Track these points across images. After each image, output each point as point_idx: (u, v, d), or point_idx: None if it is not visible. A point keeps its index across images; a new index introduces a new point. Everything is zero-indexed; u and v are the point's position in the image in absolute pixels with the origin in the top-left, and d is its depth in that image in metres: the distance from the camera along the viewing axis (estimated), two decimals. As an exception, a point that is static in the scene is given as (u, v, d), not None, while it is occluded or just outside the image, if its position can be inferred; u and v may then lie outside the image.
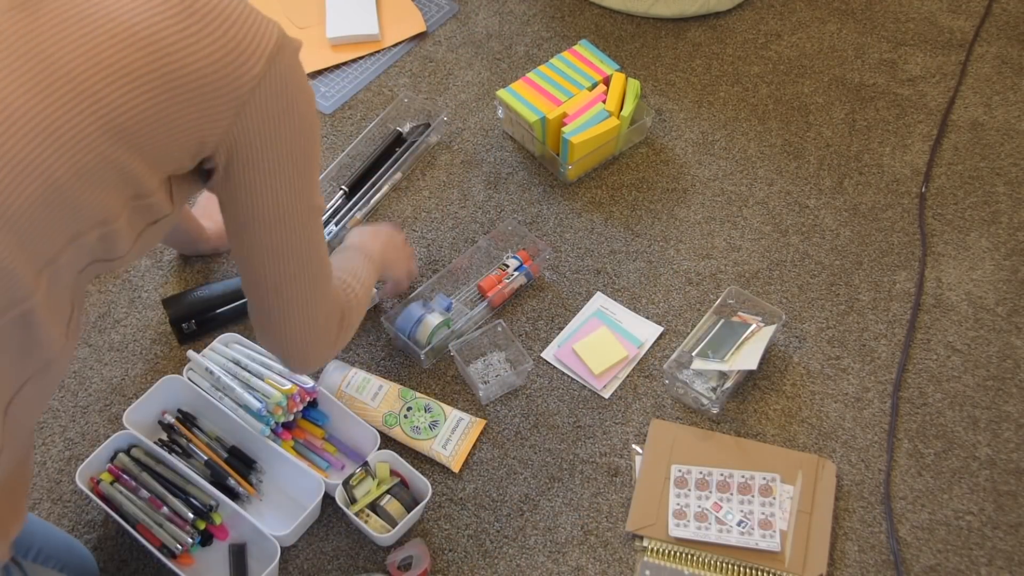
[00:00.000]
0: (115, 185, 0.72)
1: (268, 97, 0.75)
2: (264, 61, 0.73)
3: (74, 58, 0.67)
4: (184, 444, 1.18)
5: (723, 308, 1.31)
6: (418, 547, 1.12)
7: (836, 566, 1.11)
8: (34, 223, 0.68)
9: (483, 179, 1.50)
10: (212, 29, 0.70)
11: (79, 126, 0.68)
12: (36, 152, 0.67)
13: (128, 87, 0.68)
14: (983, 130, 1.55)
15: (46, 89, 0.66)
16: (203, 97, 0.71)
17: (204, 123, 0.73)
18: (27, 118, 0.66)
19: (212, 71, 0.70)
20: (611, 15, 1.74)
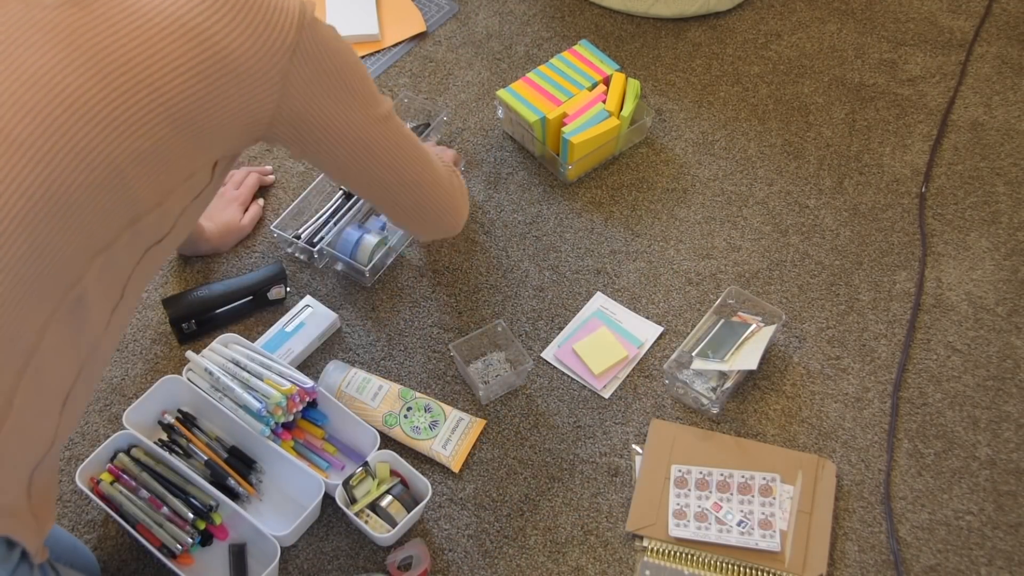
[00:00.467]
0: (171, 169, 0.77)
1: (307, 58, 0.81)
2: (295, 30, 0.79)
3: (130, 49, 0.71)
4: (184, 444, 1.18)
5: (723, 308, 1.31)
6: (418, 547, 1.12)
7: (836, 566, 1.11)
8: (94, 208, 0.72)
9: (483, 179, 1.50)
10: (246, 14, 0.76)
11: (138, 113, 0.72)
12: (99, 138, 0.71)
13: (182, 75, 0.74)
14: (983, 130, 1.55)
15: (105, 79, 0.70)
16: (250, 78, 0.78)
17: (253, 102, 0.79)
18: (88, 106, 0.70)
19: (253, 51, 0.77)
20: (611, 15, 1.74)
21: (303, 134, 0.88)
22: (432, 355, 1.31)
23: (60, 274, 0.72)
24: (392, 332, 1.33)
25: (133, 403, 1.19)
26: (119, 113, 0.71)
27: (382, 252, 1.35)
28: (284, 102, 0.82)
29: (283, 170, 1.52)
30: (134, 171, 0.73)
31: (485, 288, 1.37)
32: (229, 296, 1.31)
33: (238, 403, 1.17)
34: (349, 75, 0.88)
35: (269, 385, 1.18)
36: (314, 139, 0.89)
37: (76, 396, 0.82)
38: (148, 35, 0.72)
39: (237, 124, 0.80)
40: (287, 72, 0.80)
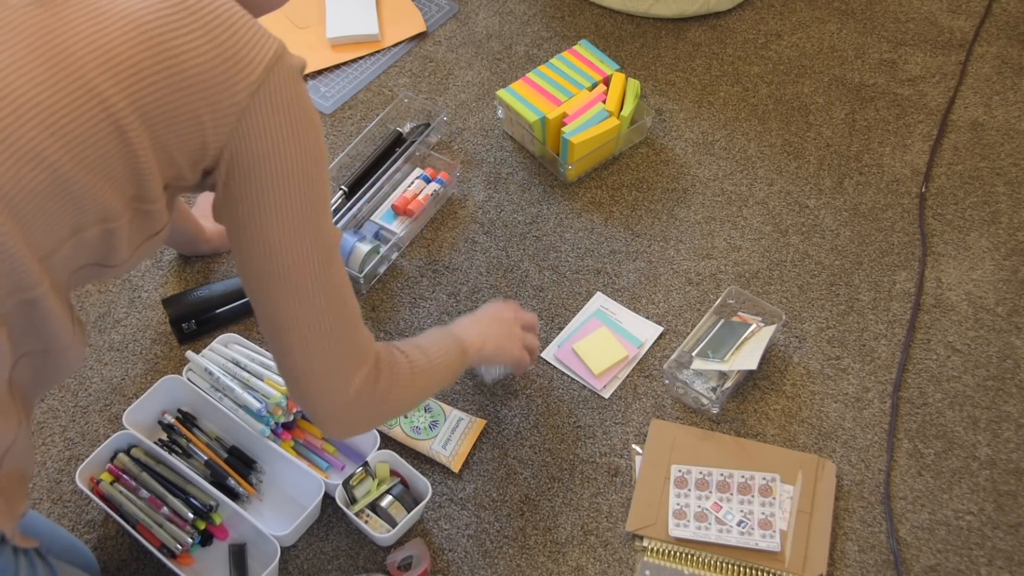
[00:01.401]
0: (118, 181, 0.73)
1: (267, 107, 0.74)
2: (262, 69, 0.73)
3: (84, 54, 0.68)
4: (184, 444, 1.18)
5: (723, 308, 1.31)
6: (418, 547, 1.12)
7: (836, 566, 1.11)
8: (37, 212, 0.70)
9: (483, 179, 1.50)
10: (215, 34, 0.72)
11: (86, 121, 0.69)
12: (42, 143, 0.68)
13: (133, 84, 0.69)
14: (983, 130, 1.55)
15: (56, 84, 0.68)
16: (203, 98, 0.72)
17: (205, 125, 0.73)
18: (35, 111, 0.68)
19: (212, 73, 0.71)
20: (611, 15, 1.74)
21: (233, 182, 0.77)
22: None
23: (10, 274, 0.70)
24: (392, 332, 1.33)
25: (133, 403, 1.19)
26: (67, 120, 0.68)
27: (375, 260, 1.35)
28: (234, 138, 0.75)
29: (283, 170, 1.52)
30: (78, 179, 0.70)
31: (485, 288, 1.37)
32: (229, 296, 1.31)
33: (238, 403, 1.17)
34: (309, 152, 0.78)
35: (269, 385, 1.18)
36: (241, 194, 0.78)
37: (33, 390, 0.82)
38: (105, 39, 0.69)
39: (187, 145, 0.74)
40: (245, 108, 0.73)
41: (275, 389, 1.17)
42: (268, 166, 0.76)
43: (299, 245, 0.80)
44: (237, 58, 0.72)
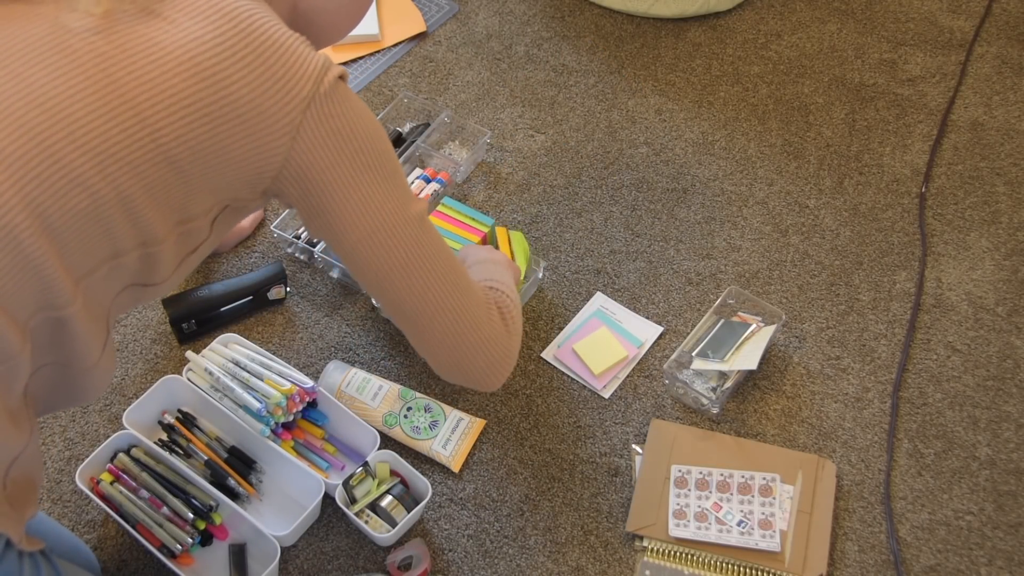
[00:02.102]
0: (163, 210, 0.75)
1: (322, 116, 0.76)
2: (312, 82, 0.75)
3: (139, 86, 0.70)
4: (184, 444, 1.18)
5: (723, 308, 1.31)
6: (418, 547, 1.12)
7: (836, 566, 1.11)
8: (76, 234, 0.71)
9: (483, 179, 1.50)
10: (264, 57, 0.74)
11: (135, 153, 0.71)
12: (90, 169, 0.70)
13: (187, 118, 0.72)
14: (983, 130, 1.55)
15: (109, 112, 0.70)
16: (258, 126, 0.74)
17: (260, 152, 0.76)
18: (88, 137, 0.69)
19: (265, 98, 0.74)
20: (611, 15, 1.74)
21: (311, 198, 0.80)
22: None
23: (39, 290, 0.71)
24: (392, 332, 1.33)
25: (133, 403, 1.19)
26: (117, 149, 0.70)
27: None
28: (292, 158, 0.77)
29: (283, 170, 1.52)
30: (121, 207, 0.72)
31: (485, 288, 1.37)
32: (229, 296, 1.31)
33: (238, 403, 1.17)
34: (370, 147, 0.80)
35: (269, 385, 1.18)
36: (321, 207, 0.81)
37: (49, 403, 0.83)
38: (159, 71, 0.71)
39: (241, 173, 0.77)
40: (299, 125, 0.76)
41: (275, 389, 1.17)
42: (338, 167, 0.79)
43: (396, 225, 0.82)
44: (287, 79, 0.74)
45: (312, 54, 0.76)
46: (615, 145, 1.55)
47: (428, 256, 0.85)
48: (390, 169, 0.82)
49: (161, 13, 0.73)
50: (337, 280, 1.38)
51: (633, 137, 1.56)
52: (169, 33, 0.72)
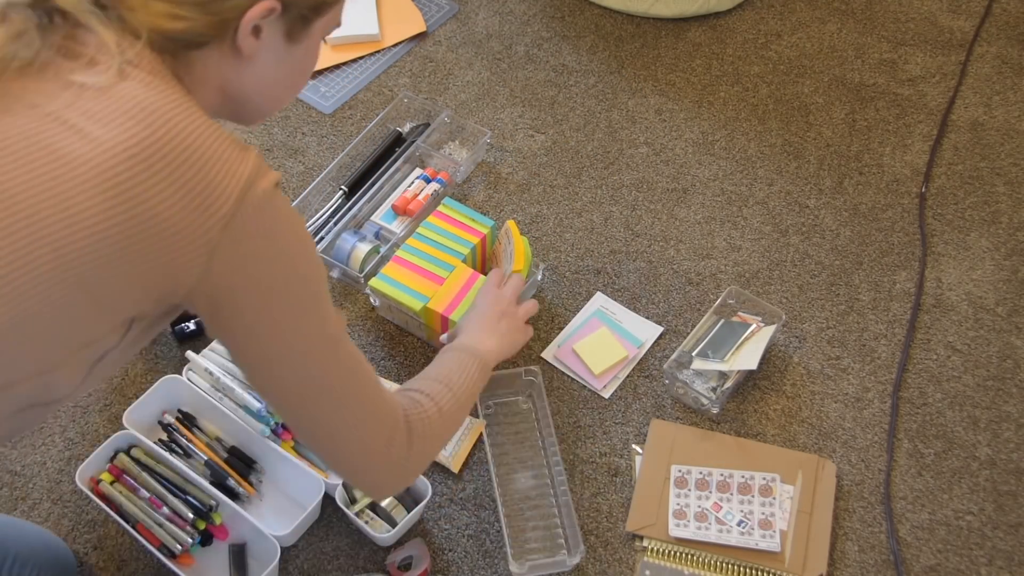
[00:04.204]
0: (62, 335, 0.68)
1: (242, 236, 0.69)
2: (234, 200, 0.67)
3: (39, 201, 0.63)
4: (184, 444, 1.18)
5: (723, 308, 1.31)
6: (418, 547, 1.12)
7: (836, 566, 1.11)
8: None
9: (483, 178, 1.50)
10: (183, 171, 0.66)
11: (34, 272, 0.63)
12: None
13: (95, 236, 0.64)
14: (983, 130, 1.55)
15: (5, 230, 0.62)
16: (171, 245, 0.66)
17: (173, 272, 0.68)
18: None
19: (180, 218, 0.66)
20: (611, 15, 1.74)
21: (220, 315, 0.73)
22: (432, 355, 1.30)
23: None
24: (392, 332, 1.33)
25: (133, 403, 1.19)
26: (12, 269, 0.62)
27: (375, 260, 1.35)
28: (207, 277, 0.69)
29: (283, 170, 1.52)
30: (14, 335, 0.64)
31: (485, 288, 1.37)
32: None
33: (238, 403, 1.17)
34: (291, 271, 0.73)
35: (269, 385, 1.17)
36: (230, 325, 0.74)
37: None
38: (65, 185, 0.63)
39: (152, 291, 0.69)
40: (216, 244, 0.67)
41: (275, 389, 1.17)
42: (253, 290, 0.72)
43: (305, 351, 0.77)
44: (206, 194, 0.66)
45: (238, 163, 0.68)
46: (615, 145, 1.55)
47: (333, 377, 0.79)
48: (311, 292, 0.76)
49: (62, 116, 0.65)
50: (337, 280, 1.38)
51: (633, 137, 1.56)
52: (74, 145, 0.64)
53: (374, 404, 0.83)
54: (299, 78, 0.83)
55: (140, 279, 0.68)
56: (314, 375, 0.78)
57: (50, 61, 0.67)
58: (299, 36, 0.78)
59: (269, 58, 0.77)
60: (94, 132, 0.64)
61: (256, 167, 0.69)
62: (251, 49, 0.75)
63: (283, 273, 0.73)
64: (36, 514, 1.16)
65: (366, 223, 1.42)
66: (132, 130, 0.65)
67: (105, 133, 0.64)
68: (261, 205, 0.69)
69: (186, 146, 0.66)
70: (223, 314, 0.73)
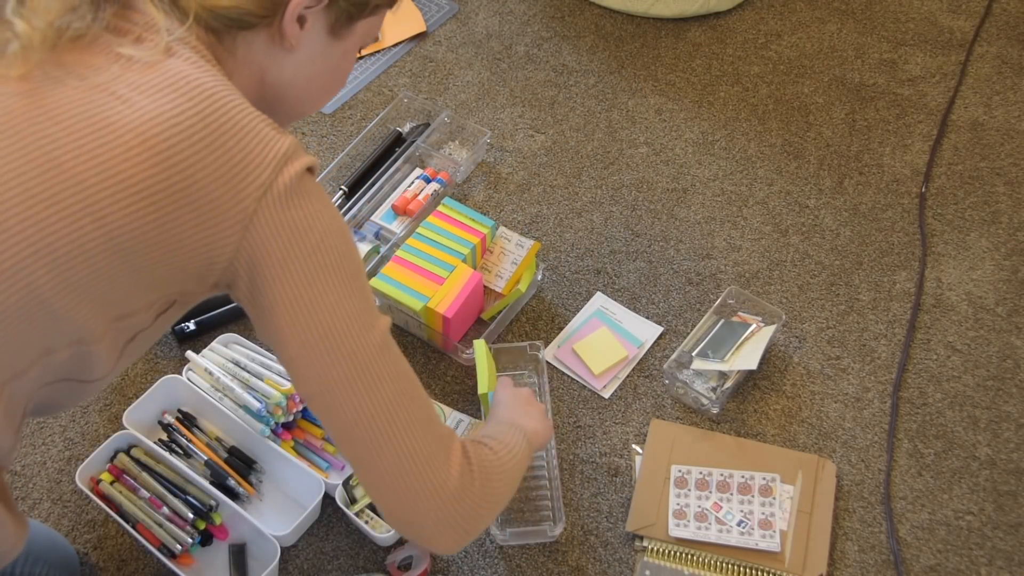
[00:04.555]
0: (101, 304, 0.68)
1: (278, 208, 0.69)
2: (271, 170, 0.69)
3: (86, 168, 0.64)
4: (184, 444, 1.18)
5: (723, 308, 1.31)
6: (418, 547, 1.12)
7: (836, 566, 1.11)
8: (7, 335, 0.65)
9: (483, 178, 1.50)
10: (223, 141, 0.67)
11: (79, 240, 0.64)
12: (26, 260, 0.63)
13: (137, 204, 0.65)
14: (983, 130, 1.55)
15: (52, 198, 0.63)
16: (208, 216, 0.68)
17: (211, 242, 0.69)
18: (24, 224, 0.63)
19: (217, 187, 0.67)
20: (611, 15, 1.74)
21: (259, 293, 0.72)
22: (432, 355, 1.31)
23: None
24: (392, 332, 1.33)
25: (133, 403, 1.19)
26: (57, 239, 0.63)
27: (375, 260, 1.35)
28: (244, 248, 0.70)
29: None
30: (59, 301, 0.65)
31: (485, 288, 1.37)
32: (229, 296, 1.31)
33: (238, 403, 1.17)
34: (328, 246, 0.72)
35: (269, 385, 1.18)
36: (270, 304, 0.72)
37: None
38: (109, 154, 0.64)
39: (190, 264, 0.70)
40: (253, 214, 0.68)
41: (275, 389, 1.17)
42: (291, 263, 0.71)
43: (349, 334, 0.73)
44: (244, 164, 0.68)
45: (276, 139, 0.70)
46: (615, 145, 1.55)
47: (381, 376, 0.75)
48: (350, 272, 0.74)
49: (110, 87, 0.66)
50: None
51: (633, 137, 1.56)
52: (122, 113, 0.65)
53: (430, 418, 0.78)
54: (336, 79, 0.85)
55: (180, 251, 0.68)
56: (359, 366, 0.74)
57: (99, 36, 0.69)
58: (342, 33, 0.80)
59: (310, 51, 0.79)
60: (140, 102, 0.66)
61: (293, 147, 0.71)
62: (295, 37, 0.76)
63: (320, 247, 0.72)
64: (36, 514, 1.16)
65: (366, 223, 1.42)
66: (176, 101, 0.66)
67: (150, 103, 0.66)
68: (297, 182, 0.70)
69: (227, 119, 0.68)
70: (261, 293, 0.72)
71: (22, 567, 0.99)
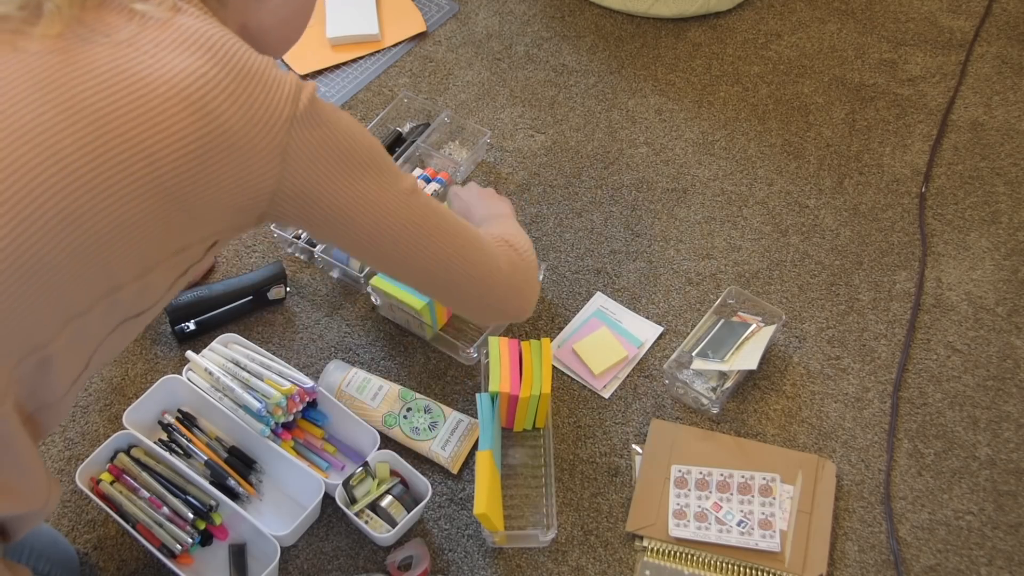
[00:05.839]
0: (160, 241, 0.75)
1: (306, 132, 0.78)
2: (290, 103, 0.76)
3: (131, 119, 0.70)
4: (184, 444, 1.18)
5: (723, 308, 1.31)
6: (418, 547, 1.12)
7: (836, 566, 1.11)
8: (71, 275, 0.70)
9: (483, 178, 1.50)
10: (246, 86, 0.74)
11: (133, 184, 0.70)
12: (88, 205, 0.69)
13: (182, 148, 0.72)
14: (983, 130, 1.55)
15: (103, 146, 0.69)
16: (247, 153, 0.75)
17: (252, 179, 0.76)
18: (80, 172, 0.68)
19: (251, 126, 0.74)
20: (611, 15, 1.74)
21: (311, 211, 0.83)
22: (432, 355, 1.31)
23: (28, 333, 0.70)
24: (392, 332, 1.33)
25: (133, 403, 1.19)
26: (113, 182, 0.70)
27: None
28: (286, 178, 0.78)
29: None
30: (120, 241, 0.72)
31: (485, 288, 1.37)
32: (229, 296, 1.31)
33: (238, 403, 1.17)
34: (356, 148, 0.83)
35: (269, 385, 1.18)
36: (323, 217, 0.84)
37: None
38: (149, 104, 0.70)
39: (235, 200, 0.77)
40: (286, 146, 0.77)
41: (275, 389, 1.17)
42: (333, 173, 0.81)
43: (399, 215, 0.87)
44: (267, 104, 0.75)
45: (284, 77, 0.77)
46: (615, 145, 1.55)
47: (433, 225, 0.90)
48: (378, 161, 0.85)
49: (136, 44, 0.72)
50: (337, 280, 1.38)
51: (633, 137, 1.56)
52: (152, 68, 0.71)
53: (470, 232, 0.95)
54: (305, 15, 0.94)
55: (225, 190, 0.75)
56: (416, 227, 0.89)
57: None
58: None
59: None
60: (166, 57, 0.72)
61: (297, 80, 0.78)
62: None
63: (350, 152, 0.82)
64: (36, 514, 1.16)
65: None
66: (197, 55, 0.73)
67: (175, 58, 0.72)
68: (310, 107, 0.78)
69: (245, 67, 0.75)
70: (314, 210, 0.82)
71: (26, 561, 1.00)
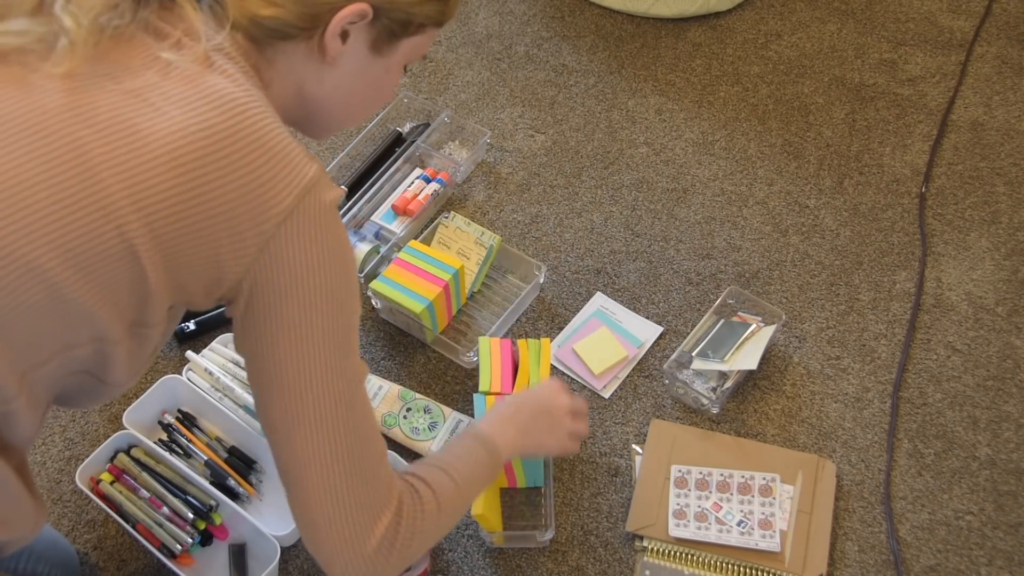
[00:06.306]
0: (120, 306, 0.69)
1: (296, 236, 0.69)
2: (294, 196, 0.68)
3: (112, 175, 0.64)
4: (184, 444, 1.18)
5: (723, 308, 1.31)
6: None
7: (836, 566, 1.11)
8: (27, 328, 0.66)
9: (483, 178, 1.50)
10: (252, 158, 0.67)
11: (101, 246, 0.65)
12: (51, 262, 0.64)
13: (157, 212, 0.65)
14: (983, 130, 1.55)
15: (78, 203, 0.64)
16: (228, 230, 0.67)
17: (225, 256, 0.68)
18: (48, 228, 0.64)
19: (241, 201, 0.67)
20: (611, 15, 1.74)
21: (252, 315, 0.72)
22: (432, 355, 1.31)
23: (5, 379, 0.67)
24: (392, 332, 1.33)
25: (133, 403, 1.19)
26: (81, 243, 0.64)
27: (375, 260, 1.35)
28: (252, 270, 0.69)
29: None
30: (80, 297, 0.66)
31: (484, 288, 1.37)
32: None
33: (238, 403, 1.17)
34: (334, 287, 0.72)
35: (269, 385, 1.18)
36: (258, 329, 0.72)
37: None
38: (136, 161, 0.64)
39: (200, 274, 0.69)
40: (270, 239, 0.68)
41: (275, 389, 1.17)
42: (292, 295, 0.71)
43: (322, 379, 0.74)
44: (270, 185, 0.67)
45: (305, 164, 0.69)
46: (615, 145, 1.55)
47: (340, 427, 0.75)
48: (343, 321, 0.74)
49: (144, 95, 0.66)
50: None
51: (633, 137, 1.56)
52: (152, 121, 0.65)
53: (374, 473, 0.78)
54: (377, 94, 0.83)
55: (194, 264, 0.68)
56: (326, 414, 0.75)
57: (137, 35, 0.69)
58: (383, 50, 0.78)
59: (351, 66, 0.78)
60: (171, 112, 0.66)
61: (320, 175, 0.70)
62: (336, 52, 0.75)
63: (324, 289, 0.72)
64: (36, 514, 1.16)
65: (366, 223, 1.42)
66: (208, 115, 0.66)
67: (182, 114, 0.66)
68: (320, 213, 0.70)
69: (257, 137, 0.67)
70: (254, 314, 0.72)
71: (25, 565, 1.00)
